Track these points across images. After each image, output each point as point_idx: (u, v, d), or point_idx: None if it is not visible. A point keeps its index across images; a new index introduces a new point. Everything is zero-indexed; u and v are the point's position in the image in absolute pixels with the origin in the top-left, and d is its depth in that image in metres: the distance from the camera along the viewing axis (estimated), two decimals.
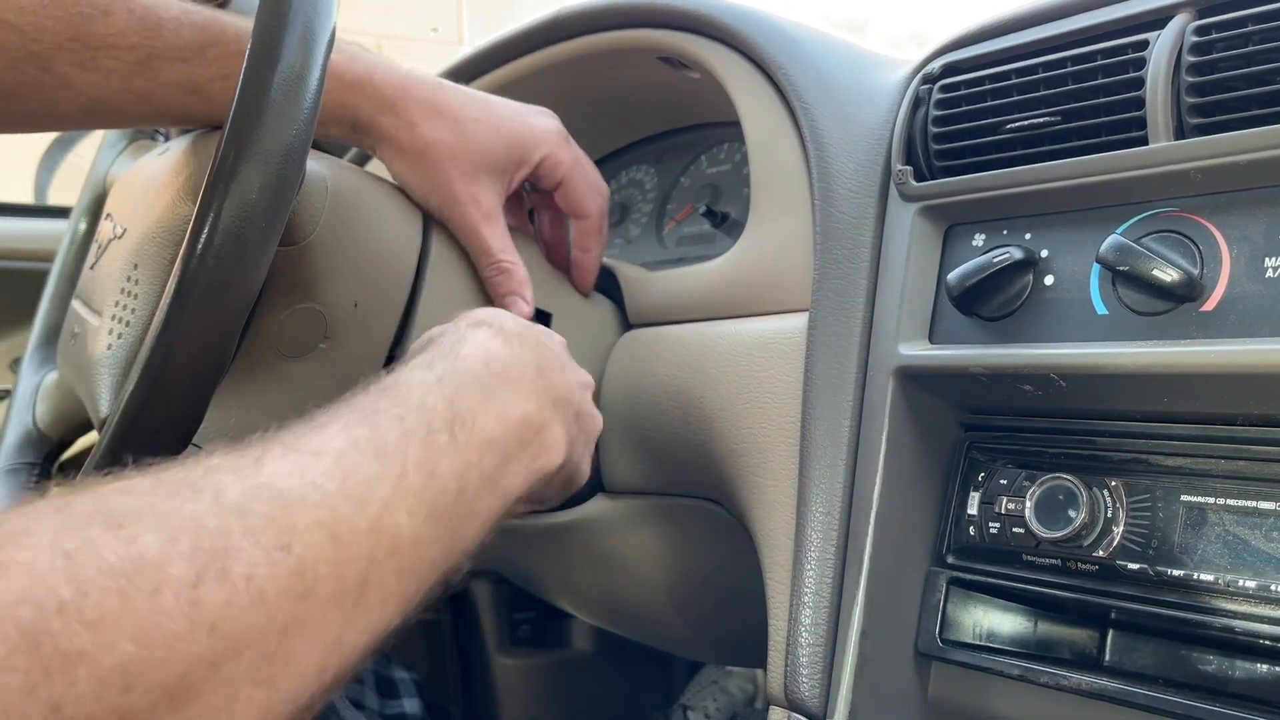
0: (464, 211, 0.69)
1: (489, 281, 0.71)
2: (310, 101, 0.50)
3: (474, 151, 0.69)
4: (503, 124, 0.70)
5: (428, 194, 0.70)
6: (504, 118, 0.71)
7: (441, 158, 0.68)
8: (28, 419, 0.81)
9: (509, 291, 0.71)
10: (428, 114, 0.67)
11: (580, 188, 0.76)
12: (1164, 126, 0.53)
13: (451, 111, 0.68)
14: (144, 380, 0.48)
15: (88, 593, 0.31)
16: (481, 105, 0.70)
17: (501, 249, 0.70)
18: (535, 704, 1.17)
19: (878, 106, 0.69)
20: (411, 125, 0.67)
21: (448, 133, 0.68)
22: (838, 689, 0.59)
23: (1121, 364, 0.52)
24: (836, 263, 0.66)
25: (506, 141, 0.70)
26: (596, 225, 0.78)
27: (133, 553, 0.33)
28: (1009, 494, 0.59)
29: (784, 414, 0.67)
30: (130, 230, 0.62)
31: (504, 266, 0.70)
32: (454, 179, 0.68)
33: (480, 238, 0.69)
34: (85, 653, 0.30)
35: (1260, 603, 0.49)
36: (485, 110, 0.70)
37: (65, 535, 0.32)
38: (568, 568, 0.93)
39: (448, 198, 0.69)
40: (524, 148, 0.71)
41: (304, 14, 0.49)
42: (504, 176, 0.71)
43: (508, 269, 0.70)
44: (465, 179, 0.69)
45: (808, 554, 0.62)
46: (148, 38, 0.58)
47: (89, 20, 0.57)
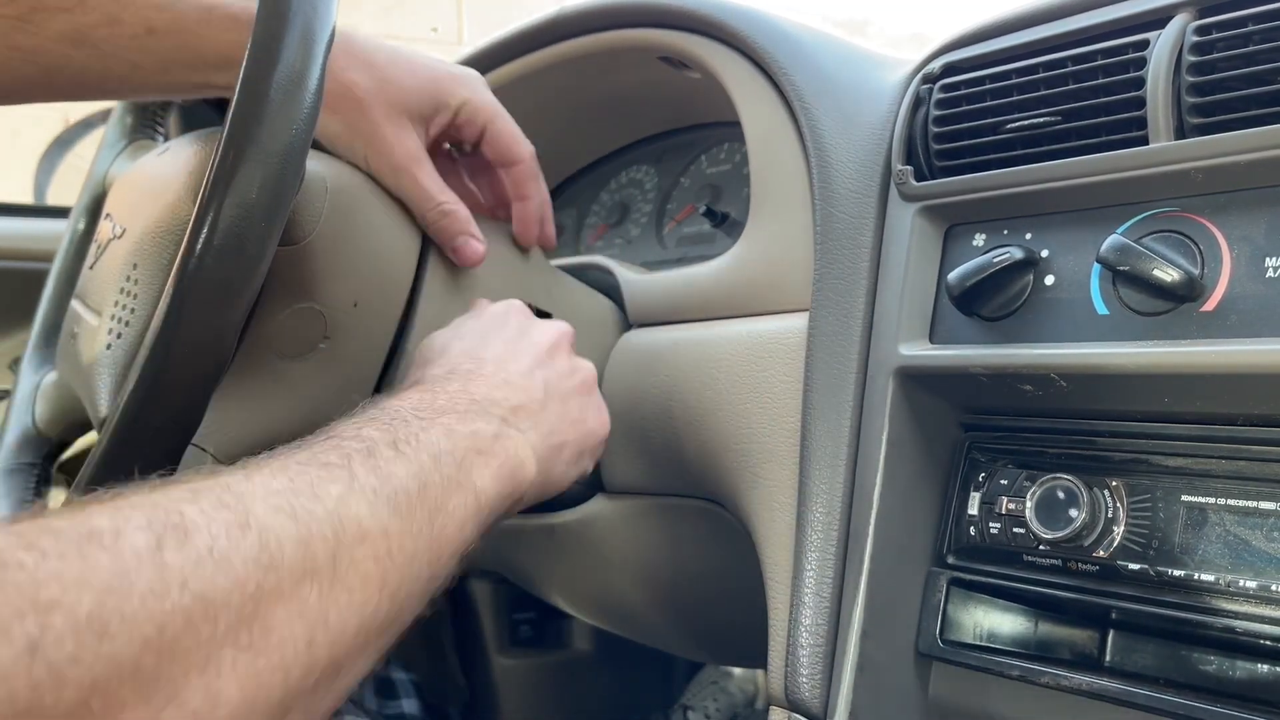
0: (393, 155, 0.66)
1: (433, 227, 0.68)
2: (310, 101, 0.50)
3: (392, 93, 0.66)
4: (418, 67, 0.68)
5: (351, 139, 0.66)
6: (419, 61, 0.68)
7: (362, 100, 0.65)
8: (27, 419, 0.81)
9: (458, 232, 0.68)
10: (341, 54, 0.64)
11: (505, 132, 0.72)
12: (1164, 126, 0.53)
13: (364, 54, 0.66)
14: (143, 380, 0.48)
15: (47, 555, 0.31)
16: (394, 49, 0.67)
17: (439, 189, 0.67)
18: (535, 704, 1.17)
19: (878, 106, 0.69)
20: None
21: (364, 74, 0.65)
22: (838, 689, 0.59)
23: (1122, 364, 0.52)
24: (836, 263, 0.66)
25: (424, 82, 0.68)
26: (530, 170, 0.74)
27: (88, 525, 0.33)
28: (1009, 494, 0.58)
29: (784, 414, 0.67)
30: (130, 230, 0.62)
31: (445, 209, 0.68)
32: (377, 120, 0.66)
33: (414, 180, 0.66)
34: (56, 601, 0.30)
35: (1261, 603, 0.49)
36: (398, 54, 0.67)
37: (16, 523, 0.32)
38: (568, 568, 0.93)
39: (373, 141, 0.66)
40: (443, 90, 0.69)
41: (304, 14, 0.49)
42: (424, 121, 0.68)
43: (450, 210, 0.68)
44: (388, 120, 0.66)
45: (808, 554, 0.62)
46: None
47: None
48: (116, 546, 0.33)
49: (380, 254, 0.66)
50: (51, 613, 0.30)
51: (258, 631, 0.36)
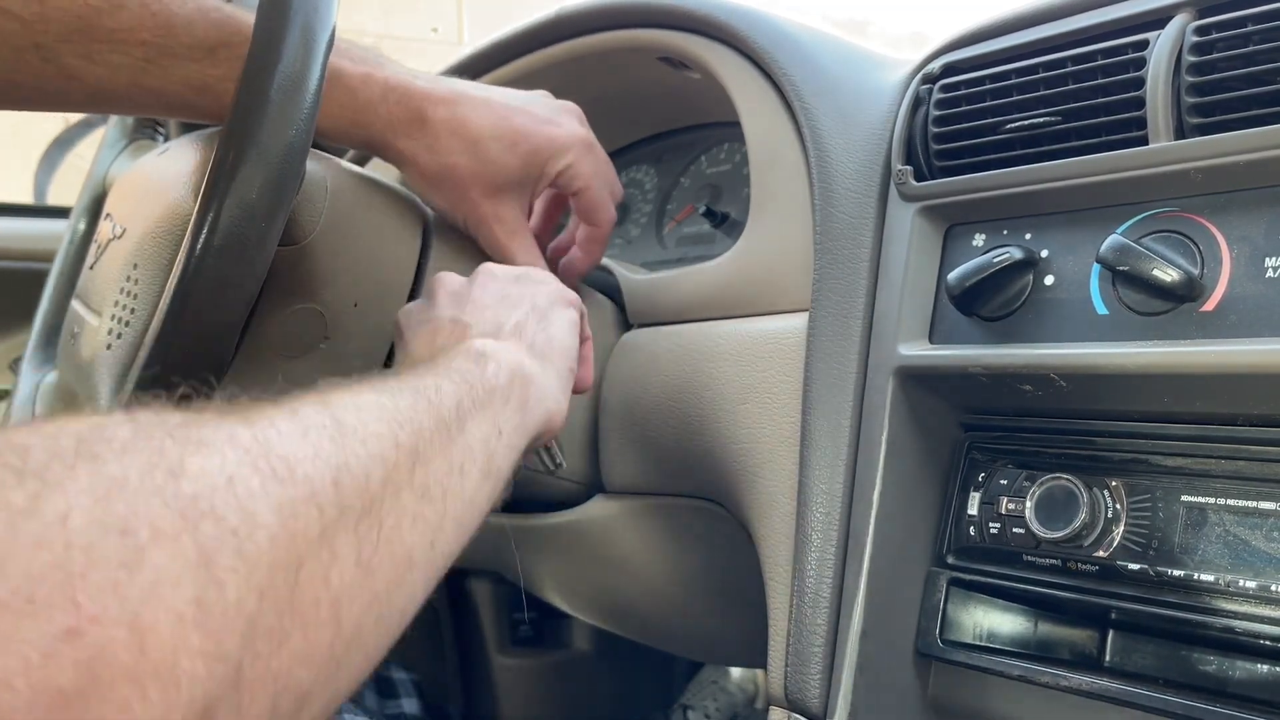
0: (489, 229, 0.71)
1: None
2: (310, 102, 0.50)
3: (494, 173, 0.69)
4: (520, 140, 0.70)
5: (453, 213, 0.72)
6: (523, 133, 0.70)
7: (462, 180, 0.69)
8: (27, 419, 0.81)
9: None
10: (445, 135, 0.67)
11: (596, 200, 0.75)
12: (1164, 126, 0.53)
13: (469, 132, 0.68)
14: (143, 381, 0.48)
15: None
16: (499, 119, 0.69)
17: (529, 264, 0.71)
18: (535, 704, 1.17)
19: (878, 106, 0.69)
20: (430, 149, 0.67)
21: (467, 156, 0.68)
22: (838, 689, 0.59)
23: (1121, 364, 0.52)
24: (836, 263, 0.66)
25: (525, 158, 0.70)
26: (604, 235, 0.78)
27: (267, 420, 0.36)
28: (1009, 494, 0.58)
29: (784, 414, 0.67)
30: (130, 230, 0.62)
31: None
32: (476, 200, 0.70)
33: (508, 256, 0.71)
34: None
35: (1261, 603, 0.49)
36: (504, 125, 0.69)
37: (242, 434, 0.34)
38: (568, 568, 0.93)
39: (473, 218, 0.71)
40: (543, 163, 0.71)
41: (304, 14, 0.49)
42: (525, 190, 0.72)
43: None
44: (487, 198, 0.70)
45: (808, 554, 0.62)
46: (159, 35, 0.57)
47: (98, 14, 0.56)
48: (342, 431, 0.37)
49: (380, 254, 0.66)
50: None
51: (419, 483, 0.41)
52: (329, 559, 0.33)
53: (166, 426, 0.31)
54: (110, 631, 0.25)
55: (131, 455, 0.29)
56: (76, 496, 0.26)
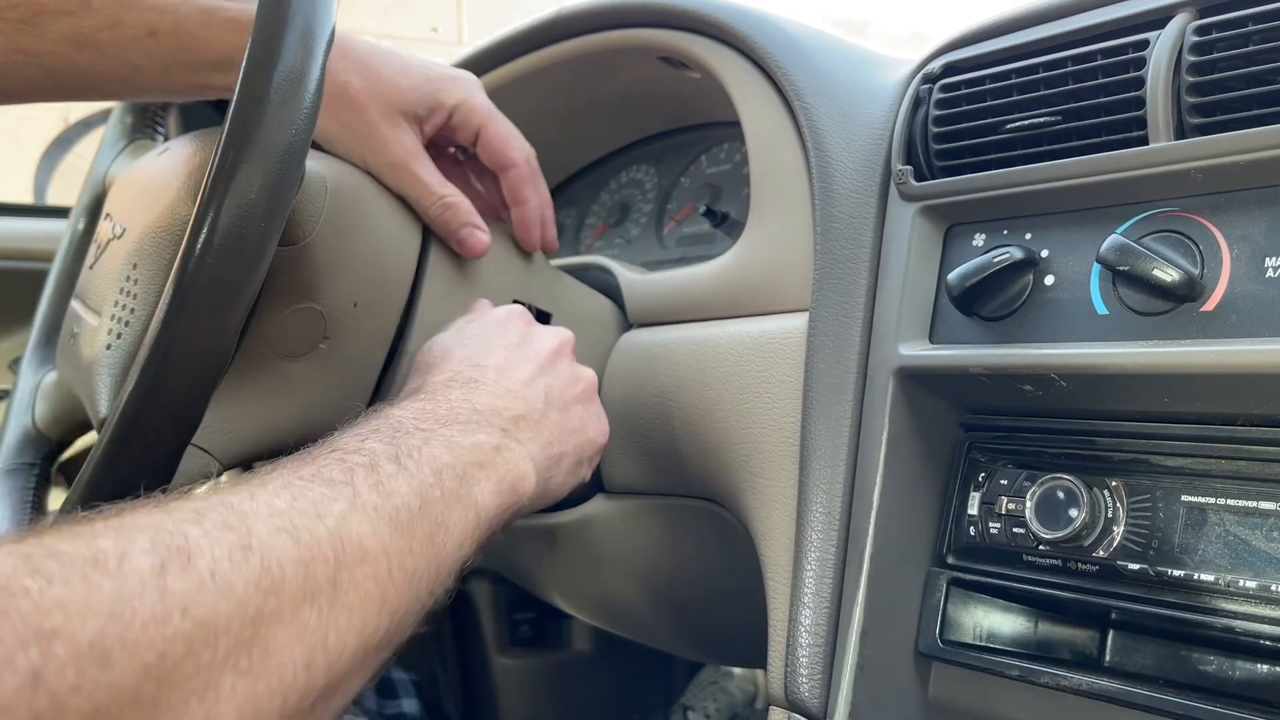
0: (390, 153, 0.66)
1: (436, 221, 0.68)
2: (310, 102, 0.50)
3: (387, 93, 0.66)
4: (412, 68, 0.68)
5: (347, 139, 0.67)
6: (413, 63, 0.68)
7: (357, 100, 0.66)
8: (27, 419, 0.81)
9: (461, 224, 0.68)
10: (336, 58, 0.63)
11: (501, 134, 0.72)
12: (1164, 126, 0.53)
13: (359, 56, 0.66)
14: (143, 380, 0.48)
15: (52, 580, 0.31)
16: (387, 51, 0.68)
17: (439, 183, 0.68)
18: (535, 704, 1.17)
19: (878, 106, 0.69)
20: None
21: (358, 75, 0.66)
22: (838, 689, 0.59)
23: (1122, 364, 0.52)
24: (836, 263, 0.66)
25: (419, 82, 0.68)
26: (526, 173, 0.74)
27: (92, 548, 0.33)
28: (1009, 494, 0.58)
29: (784, 414, 0.67)
30: (129, 230, 0.62)
31: (447, 201, 0.68)
32: (374, 120, 0.66)
33: (414, 176, 0.67)
34: (59, 629, 0.30)
35: (1261, 603, 0.49)
36: (392, 55, 0.68)
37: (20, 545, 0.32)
38: (568, 568, 0.93)
39: (370, 140, 0.66)
40: (437, 91, 0.69)
41: (304, 14, 0.49)
42: (419, 121, 0.69)
43: (452, 203, 0.68)
44: (384, 119, 0.66)
45: (808, 554, 0.62)
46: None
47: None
48: (120, 571, 0.33)
49: (380, 254, 0.66)
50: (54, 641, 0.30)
51: (257, 655, 0.36)
52: None
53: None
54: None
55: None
56: None
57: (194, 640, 0.34)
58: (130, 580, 0.33)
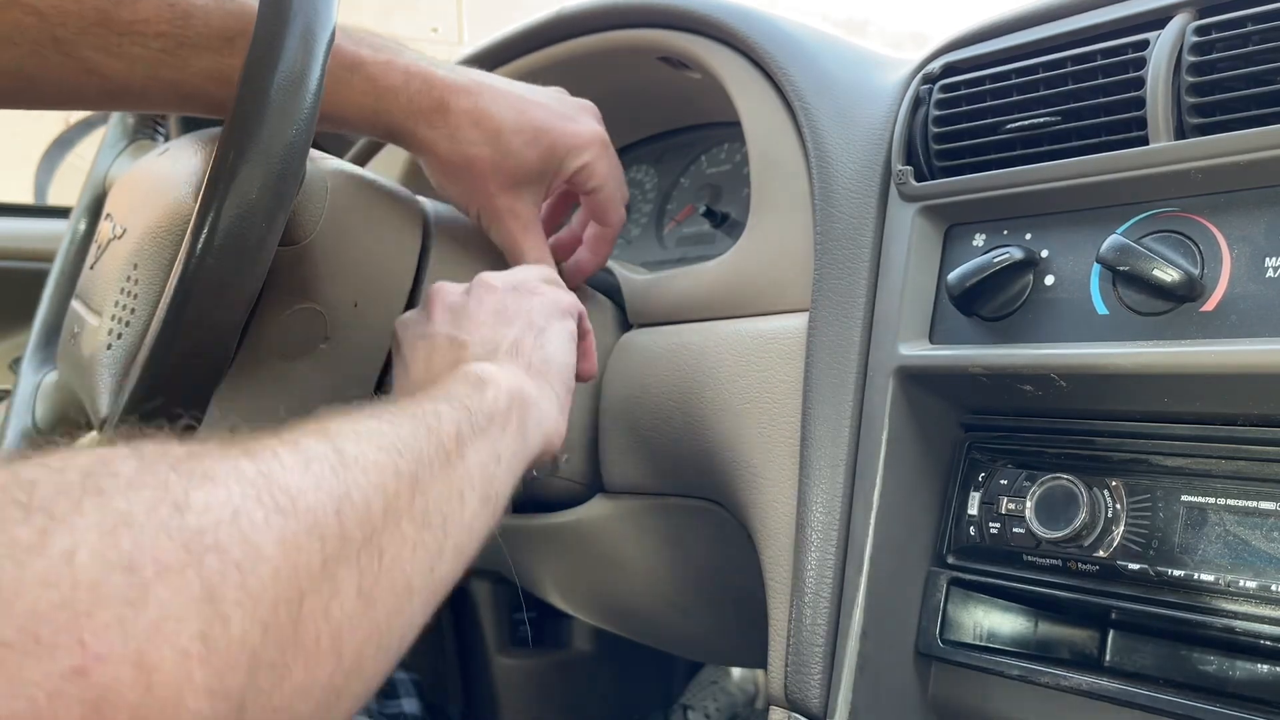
0: (503, 224, 0.70)
1: None
2: (310, 101, 0.50)
3: (513, 166, 0.69)
4: (541, 135, 0.70)
5: (467, 204, 0.71)
6: (543, 127, 0.70)
7: (481, 172, 0.68)
8: (27, 419, 0.81)
9: None
10: (467, 125, 0.67)
11: (610, 200, 0.75)
12: (1164, 126, 0.53)
13: (491, 123, 0.67)
14: (143, 380, 0.48)
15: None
16: (520, 113, 0.69)
17: (537, 258, 0.71)
18: (535, 704, 1.17)
19: (878, 106, 0.69)
20: (451, 138, 0.67)
21: (488, 148, 0.68)
22: (838, 689, 0.59)
23: (1121, 364, 0.52)
24: (836, 263, 0.66)
25: (545, 153, 0.70)
26: (613, 235, 0.78)
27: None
28: (1009, 494, 0.58)
29: (784, 414, 0.67)
30: (130, 230, 0.62)
31: None
32: (493, 192, 0.69)
33: (519, 250, 0.71)
34: None
35: (1261, 603, 0.49)
36: (525, 119, 0.69)
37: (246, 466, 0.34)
38: (568, 568, 0.93)
39: (488, 211, 0.70)
40: (562, 158, 0.71)
41: (304, 14, 0.49)
42: (541, 186, 0.72)
43: None
44: (504, 191, 0.69)
45: (808, 554, 0.62)
46: (177, 26, 0.57)
47: (116, 5, 0.55)
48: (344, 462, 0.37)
49: (380, 254, 0.66)
50: None
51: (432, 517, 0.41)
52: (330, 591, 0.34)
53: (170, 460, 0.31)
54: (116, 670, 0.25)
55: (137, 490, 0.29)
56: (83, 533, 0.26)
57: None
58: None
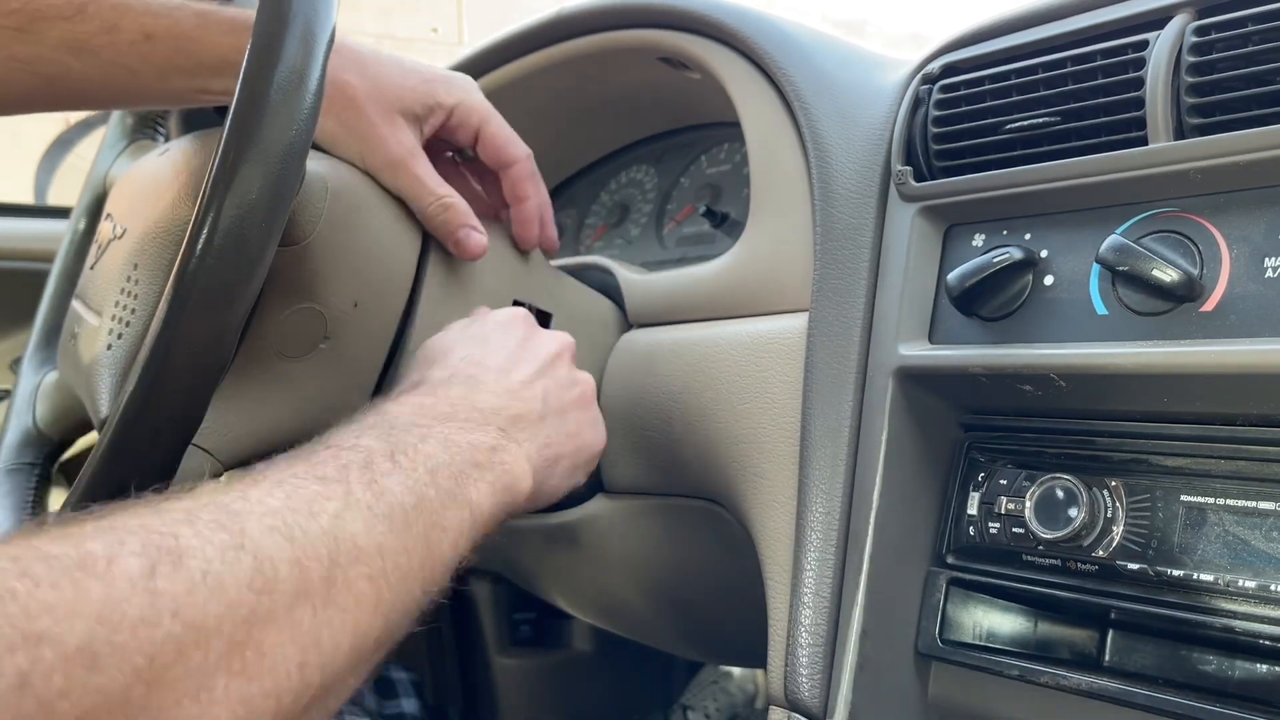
0: (389, 151, 0.66)
1: (433, 221, 0.68)
2: (310, 102, 0.50)
3: (386, 91, 0.67)
4: (409, 70, 0.68)
5: (346, 138, 0.67)
6: (410, 65, 0.69)
7: (356, 98, 0.66)
8: (28, 419, 0.81)
9: (459, 225, 0.68)
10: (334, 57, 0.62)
11: (499, 135, 0.73)
12: (1164, 127, 0.53)
13: (357, 56, 0.66)
14: (144, 380, 0.48)
15: (39, 583, 0.31)
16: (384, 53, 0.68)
17: (437, 183, 0.68)
18: (535, 704, 1.17)
19: (878, 106, 0.69)
20: None
21: (357, 75, 0.66)
22: (838, 689, 0.59)
23: (1121, 364, 0.52)
24: (836, 263, 0.66)
25: (417, 83, 0.68)
26: (526, 171, 0.75)
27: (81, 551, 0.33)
28: (1009, 494, 0.59)
29: (784, 414, 0.67)
30: (130, 230, 0.62)
31: (445, 202, 0.68)
32: (373, 119, 0.66)
33: (412, 175, 0.67)
34: (47, 632, 0.30)
35: (1260, 603, 0.49)
36: (390, 57, 0.68)
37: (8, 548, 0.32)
38: (568, 568, 0.93)
39: (369, 139, 0.66)
40: (435, 92, 0.69)
41: (304, 14, 0.49)
42: (418, 121, 0.69)
43: (450, 203, 0.68)
44: (384, 119, 0.66)
45: (808, 554, 0.62)
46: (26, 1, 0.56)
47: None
48: (109, 573, 0.33)
49: (380, 254, 0.66)
50: (42, 645, 0.30)
51: (250, 656, 0.36)
52: None
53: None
54: None
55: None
56: None
57: (184, 642, 0.33)
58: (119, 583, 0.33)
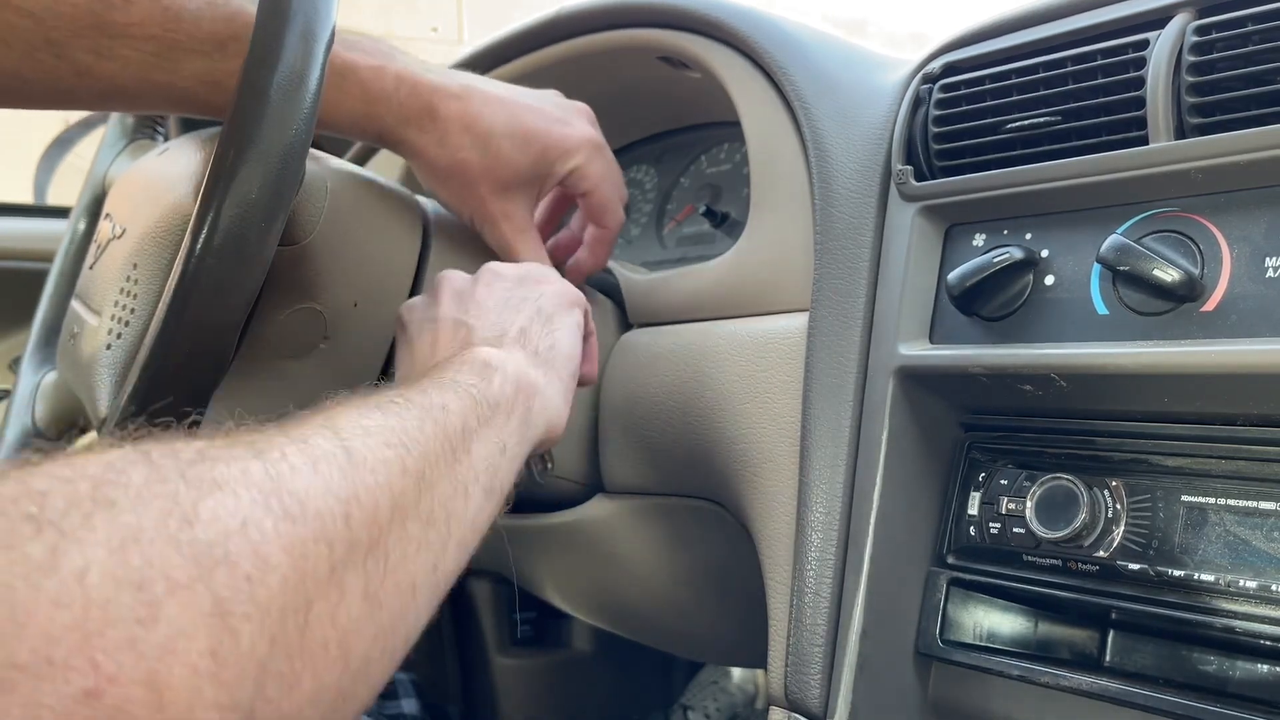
0: (497, 228, 0.71)
1: None
2: (310, 102, 0.50)
3: (504, 170, 0.69)
4: (532, 139, 0.70)
5: (459, 209, 0.71)
6: (534, 131, 0.70)
7: (472, 177, 0.69)
8: (27, 419, 0.81)
9: None
10: (456, 130, 0.67)
11: (605, 202, 0.75)
12: (1164, 126, 0.53)
13: (481, 127, 0.68)
14: (143, 380, 0.48)
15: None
16: (511, 116, 0.69)
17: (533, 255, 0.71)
18: (535, 704, 1.17)
19: (878, 106, 0.69)
20: (440, 143, 0.67)
21: (477, 152, 0.68)
22: (838, 689, 0.59)
23: (1122, 364, 0.52)
24: (836, 263, 0.66)
25: (536, 157, 0.70)
26: (612, 236, 0.78)
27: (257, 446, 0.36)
28: (1009, 494, 0.58)
29: (784, 414, 0.67)
30: (130, 230, 0.62)
31: None
32: (484, 196, 0.70)
33: (515, 254, 0.71)
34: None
35: (1261, 603, 0.49)
36: (515, 123, 0.69)
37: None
38: (568, 568, 0.93)
39: (481, 215, 0.71)
40: (553, 162, 0.71)
41: (304, 14, 0.49)
42: (533, 189, 0.72)
43: None
44: (495, 195, 0.70)
45: (808, 554, 0.62)
46: (169, 29, 0.57)
47: (109, 8, 0.56)
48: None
49: (380, 254, 0.66)
50: None
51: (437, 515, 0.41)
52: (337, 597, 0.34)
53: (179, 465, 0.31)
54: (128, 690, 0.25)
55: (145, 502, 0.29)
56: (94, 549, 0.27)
57: None
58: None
